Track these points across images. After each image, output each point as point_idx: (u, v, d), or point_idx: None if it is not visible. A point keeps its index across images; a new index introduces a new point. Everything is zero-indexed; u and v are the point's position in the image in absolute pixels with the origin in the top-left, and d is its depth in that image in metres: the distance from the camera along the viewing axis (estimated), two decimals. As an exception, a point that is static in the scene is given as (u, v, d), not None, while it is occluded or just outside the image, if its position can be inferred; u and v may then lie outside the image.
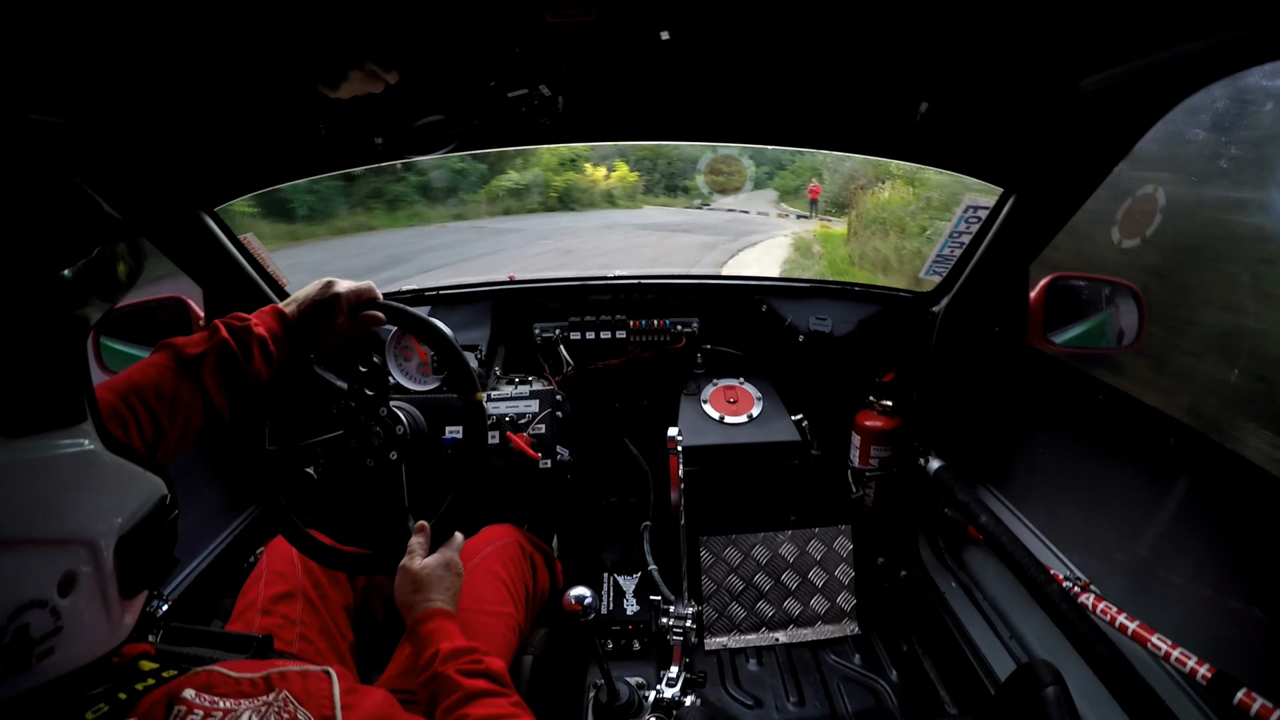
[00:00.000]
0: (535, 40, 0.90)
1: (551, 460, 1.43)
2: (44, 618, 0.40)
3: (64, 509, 0.42)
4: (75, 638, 0.42)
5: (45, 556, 0.41)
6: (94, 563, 0.44)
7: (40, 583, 0.40)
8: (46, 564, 0.41)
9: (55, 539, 0.41)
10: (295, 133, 1.18)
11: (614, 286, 1.70)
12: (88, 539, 0.43)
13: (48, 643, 0.41)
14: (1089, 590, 1.09)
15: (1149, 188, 2.09)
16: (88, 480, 0.44)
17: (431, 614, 0.86)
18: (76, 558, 0.43)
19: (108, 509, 0.45)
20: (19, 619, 0.39)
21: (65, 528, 0.42)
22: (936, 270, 1.53)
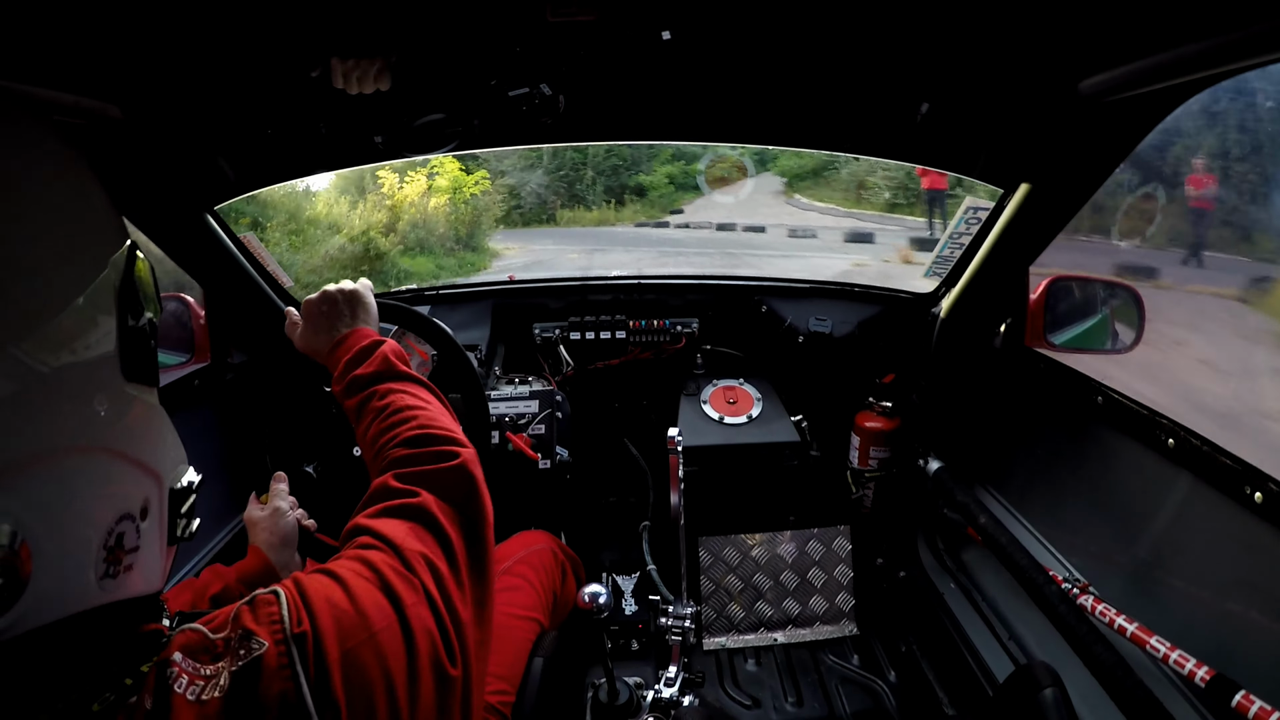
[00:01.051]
0: (536, 39, 0.90)
1: (551, 460, 1.43)
2: (132, 532, 0.46)
3: (153, 445, 0.50)
4: (144, 563, 0.47)
5: (139, 478, 0.47)
6: (159, 499, 0.50)
7: (135, 500, 0.47)
8: (141, 485, 0.47)
9: (148, 467, 0.48)
10: (295, 132, 1.18)
11: (614, 286, 1.70)
12: (161, 476, 0.50)
13: (130, 558, 0.46)
14: (1088, 592, 1.09)
15: (1149, 187, 2.09)
16: (162, 429, 0.52)
17: (325, 356, 0.84)
18: (153, 489, 0.49)
19: (169, 460, 0.52)
20: (120, 525, 0.45)
21: (153, 460, 0.49)
22: (936, 271, 1.53)
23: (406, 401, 0.71)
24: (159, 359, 0.53)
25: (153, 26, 0.74)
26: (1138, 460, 1.10)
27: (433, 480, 0.62)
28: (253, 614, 0.47)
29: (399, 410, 0.70)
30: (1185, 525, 1.02)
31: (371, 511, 0.60)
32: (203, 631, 0.46)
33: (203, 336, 1.45)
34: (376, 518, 0.59)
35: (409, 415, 0.69)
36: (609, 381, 1.75)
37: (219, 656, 0.45)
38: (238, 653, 0.44)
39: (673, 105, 1.20)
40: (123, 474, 0.46)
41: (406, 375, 0.76)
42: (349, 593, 0.49)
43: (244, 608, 0.48)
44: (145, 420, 0.49)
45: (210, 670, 0.44)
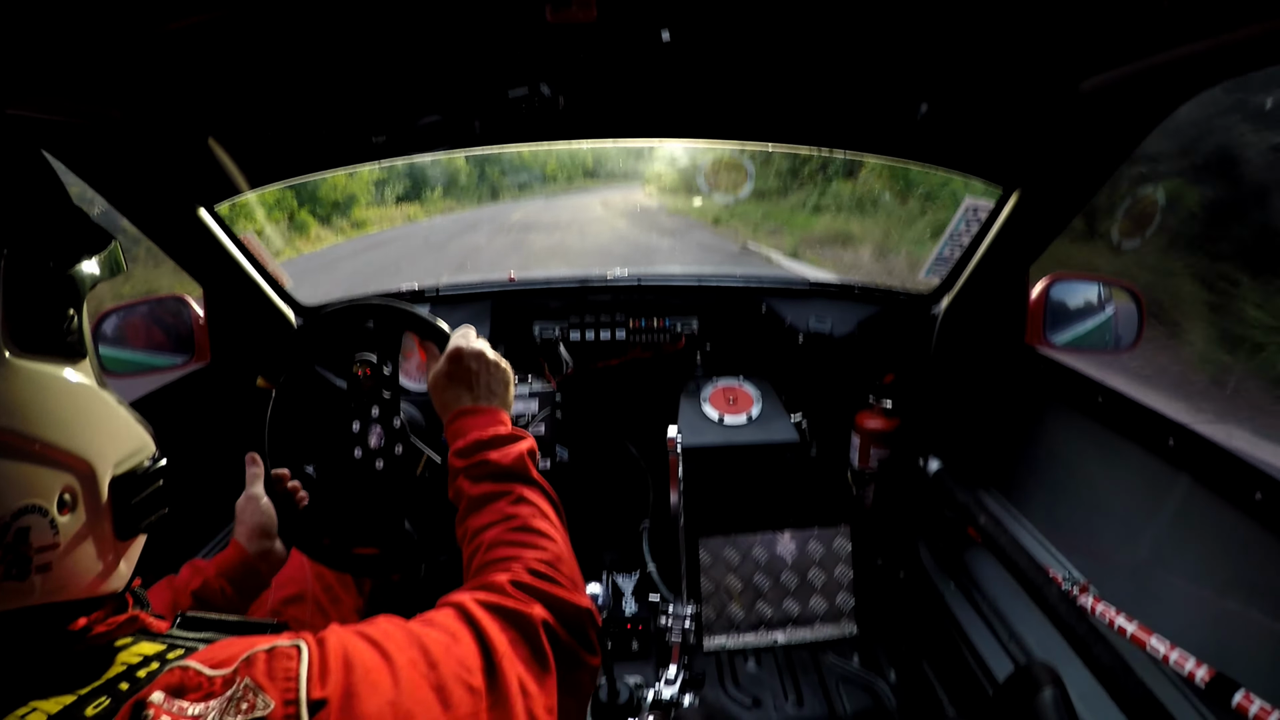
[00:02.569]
0: (535, 40, 0.90)
1: (551, 460, 1.43)
2: (44, 527, 0.42)
3: (66, 424, 0.45)
4: (72, 561, 0.44)
5: (49, 465, 0.43)
6: (92, 488, 0.46)
7: (43, 489, 0.43)
8: (49, 474, 0.43)
9: (58, 449, 0.44)
10: (295, 131, 1.18)
11: (614, 287, 1.70)
12: (87, 460, 0.46)
13: (46, 555, 0.42)
14: (1087, 592, 1.09)
15: (1149, 187, 2.09)
16: (89, 407, 0.47)
17: (451, 418, 0.81)
18: (75, 478, 0.45)
19: (104, 440, 0.48)
20: (21, 519, 0.41)
21: (67, 442, 0.44)
22: (936, 271, 1.53)
23: (539, 525, 0.67)
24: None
25: (153, 29, 0.74)
26: (1138, 460, 1.10)
27: (555, 604, 0.57)
28: (267, 665, 0.42)
29: (531, 531, 0.66)
30: (1185, 525, 1.02)
31: (480, 598, 0.55)
32: (194, 669, 0.41)
33: (203, 336, 1.45)
34: (483, 608, 0.54)
35: (540, 542, 0.65)
36: (609, 381, 1.75)
37: (210, 696, 0.40)
38: (239, 705, 0.39)
39: (672, 105, 1.20)
40: (15, 460, 0.41)
41: (538, 483, 0.73)
42: (394, 678, 0.44)
43: (260, 654, 0.42)
44: (53, 397, 0.45)
45: (197, 710, 0.39)
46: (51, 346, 0.46)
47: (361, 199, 13.93)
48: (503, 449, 0.74)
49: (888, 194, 7.72)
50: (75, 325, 0.48)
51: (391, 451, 1.12)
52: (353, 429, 1.13)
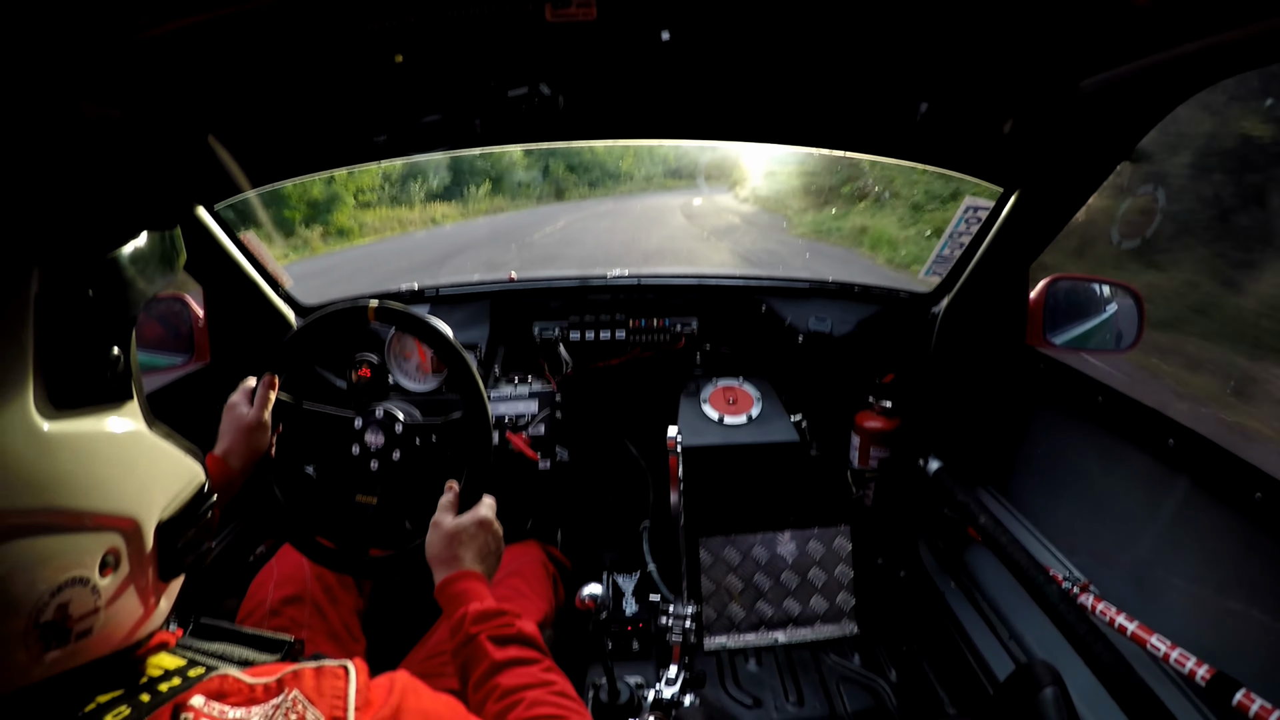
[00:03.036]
0: (535, 39, 0.90)
1: (551, 460, 1.43)
2: (85, 596, 0.40)
3: (110, 486, 0.42)
4: (113, 618, 0.42)
5: (90, 533, 0.41)
6: (137, 543, 0.44)
7: (84, 560, 0.40)
8: (91, 541, 0.41)
9: (101, 515, 0.41)
10: (295, 131, 1.18)
11: (614, 286, 1.70)
12: (133, 517, 0.43)
13: (86, 621, 0.41)
14: (1088, 591, 1.09)
15: (1149, 187, 2.09)
16: (135, 459, 0.44)
17: (462, 574, 0.82)
18: (120, 537, 0.42)
19: (152, 490, 0.45)
20: (61, 595, 0.39)
21: (111, 505, 0.42)
22: (936, 270, 1.53)
23: (572, 693, 0.70)
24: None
25: (153, 28, 0.74)
26: (1138, 459, 1.10)
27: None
28: (316, 682, 0.43)
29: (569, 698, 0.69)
30: (1185, 524, 1.02)
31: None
32: (235, 676, 0.43)
33: (202, 336, 1.45)
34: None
35: (579, 709, 0.67)
36: (609, 381, 1.75)
37: (253, 701, 0.42)
38: (287, 714, 0.41)
39: (672, 105, 1.20)
40: (52, 539, 0.38)
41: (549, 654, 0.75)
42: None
43: (307, 670, 0.44)
44: (96, 459, 0.41)
45: (238, 714, 0.41)
46: (94, 396, 0.42)
47: (350, 197, 11.62)
48: (524, 621, 0.76)
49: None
50: (121, 366, 0.44)
51: (390, 452, 1.12)
52: (354, 427, 1.13)
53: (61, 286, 0.39)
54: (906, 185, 7.79)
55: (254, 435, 0.99)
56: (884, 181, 8.40)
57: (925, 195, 7.65)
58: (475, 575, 0.83)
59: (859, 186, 8.88)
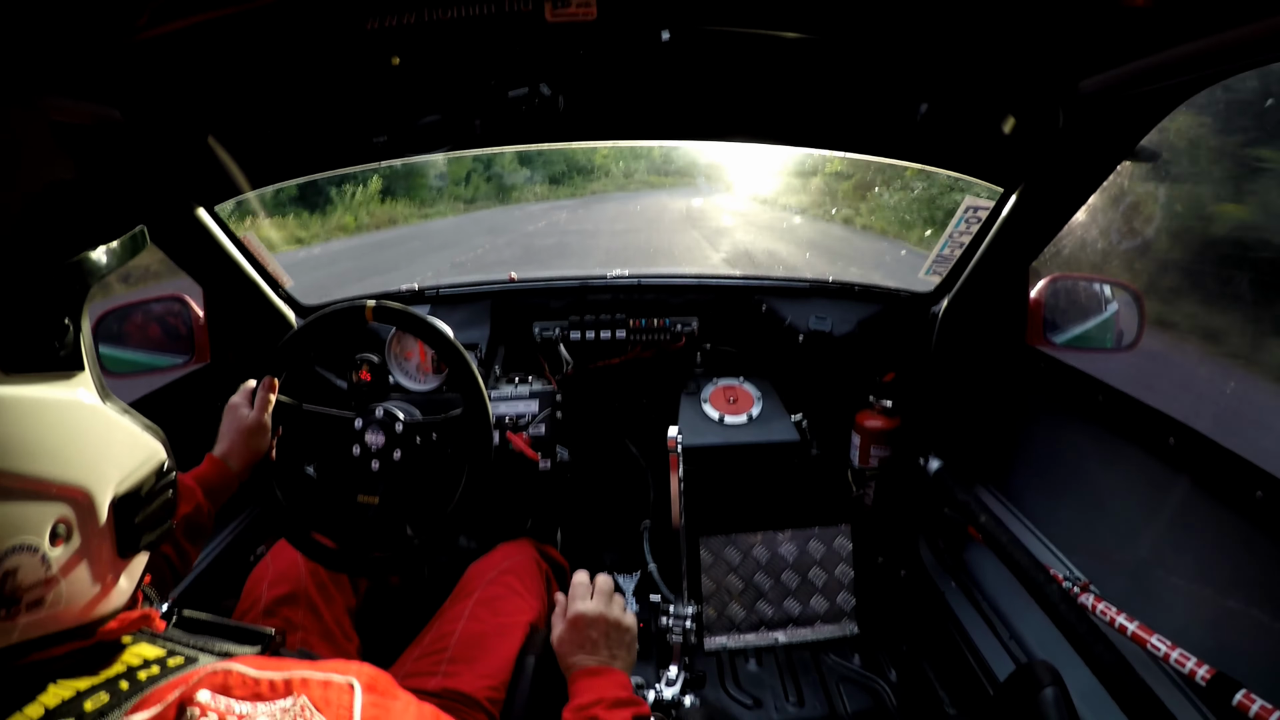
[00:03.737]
0: (535, 40, 0.90)
1: (551, 460, 1.43)
2: (34, 564, 0.40)
3: (58, 454, 0.41)
4: (66, 592, 0.42)
5: (39, 500, 0.40)
6: (89, 515, 0.43)
7: (31, 526, 0.40)
8: (39, 509, 0.40)
9: (50, 483, 0.41)
10: (295, 131, 1.18)
11: (614, 286, 1.70)
12: (83, 488, 0.43)
13: (36, 591, 0.40)
14: (1088, 591, 1.09)
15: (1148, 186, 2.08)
16: (84, 430, 0.44)
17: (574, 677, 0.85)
18: (71, 507, 0.42)
19: (103, 462, 0.45)
20: (8, 561, 0.38)
21: (59, 472, 0.41)
22: (936, 270, 1.53)
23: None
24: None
25: (153, 29, 0.74)
26: (1138, 459, 1.10)
27: None
28: (324, 693, 0.44)
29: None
30: (1186, 524, 1.02)
31: None
32: (238, 670, 0.43)
33: (203, 336, 1.45)
34: None
35: None
36: (609, 381, 1.75)
37: (258, 697, 0.42)
38: (297, 718, 0.41)
39: (672, 105, 1.20)
40: (4, 503, 0.39)
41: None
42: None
43: (314, 679, 0.44)
44: (44, 424, 0.41)
45: (244, 709, 0.41)
46: (43, 363, 0.42)
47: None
48: (615, 711, 0.77)
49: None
50: (70, 337, 0.44)
51: (391, 452, 1.12)
52: (354, 427, 1.13)
53: (12, 259, 0.40)
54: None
55: (254, 437, 1.00)
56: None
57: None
58: (584, 673, 0.84)
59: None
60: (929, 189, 7.29)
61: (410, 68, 0.95)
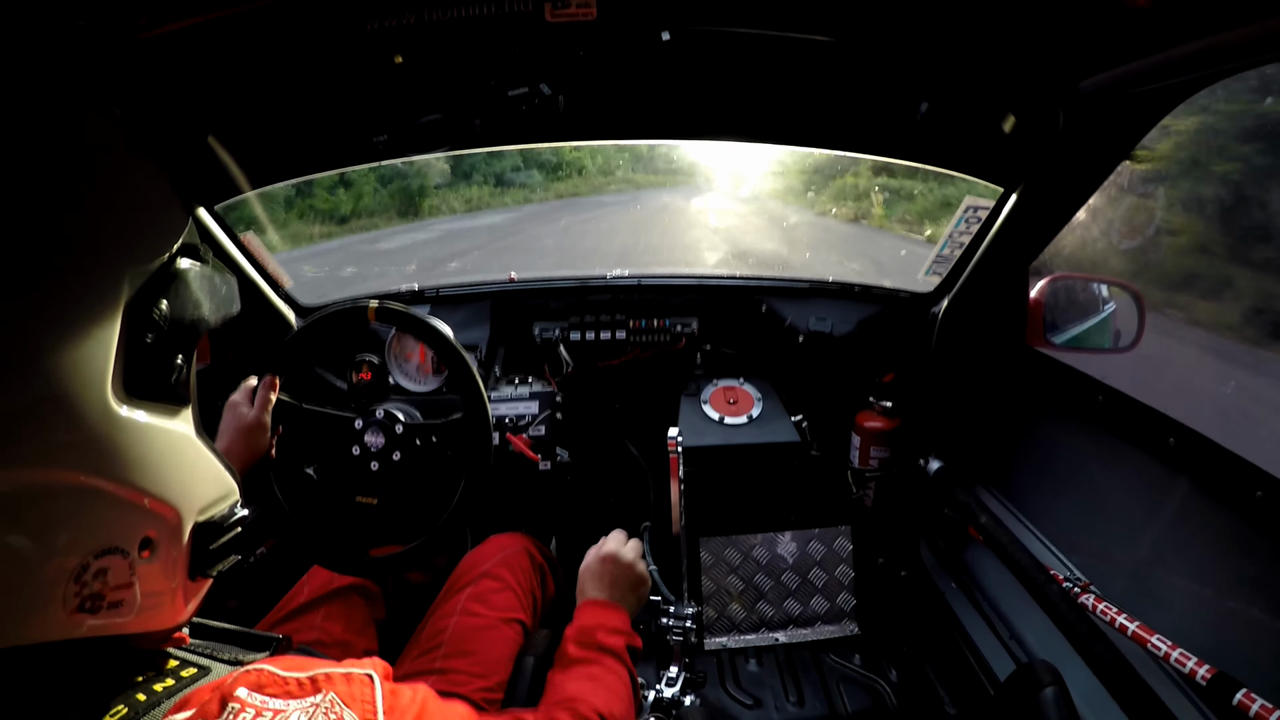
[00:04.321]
0: (535, 39, 0.90)
1: (551, 461, 1.43)
2: (123, 568, 0.43)
3: (161, 474, 0.46)
4: (143, 601, 0.45)
5: (137, 510, 0.44)
6: (174, 534, 0.47)
7: (128, 534, 0.44)
8: (137, 517, 0.44)
9: (149, 497, 0.45)
10: (295, 131, 1.18)
11: (614, 286, 1.70)
12: (175, 508, 0.47)
13: (119, 593, 0.43)
14: (1089, 591, 1.09)
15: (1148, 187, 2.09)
16: (183, 458, 0.48)
17: (584, 604, 0.98)
18: (161, 523, 0.46)
19: (194, 489, 0.49)
20: (103, 559, 0.42)
21: (159, 491, 0.45)
22: (936, 271, 1.53)
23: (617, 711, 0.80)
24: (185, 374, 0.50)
25: (153, 28, 0.74)
26: (1138, 459, 1.10)
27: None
28: (348, 688, 0.47)
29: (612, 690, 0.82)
30: (1186, 524, 1.02)
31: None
32: (269, 670, 0.46)
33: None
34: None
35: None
36: (609, 382, 1.75)
37: (289, 695, 0.45)
38: (327, 713, 0.44)
39: (672, 105, 1.20)
40: (106, 506, 0.42)
41: (629, 667, 0.92)
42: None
43: (336, 674, 0.48)
44: (153, 447, 0.45)
45: (279, 705, 0.44)
46: (160, 394, 0.46)
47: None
48: (614, 636, 0.90)
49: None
50: (184, 375, 0.49)
51: (390, 453, 1.12)
52: (354, 428, 1.13)
53: (145, 295, 0.45)
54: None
55: (253, 436, 1.00)
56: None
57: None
58: (592, 603, 0.96)
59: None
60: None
61: (410, 68, 0.95)
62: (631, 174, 11.49)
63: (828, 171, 8.60)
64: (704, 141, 1.37)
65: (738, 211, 9.37)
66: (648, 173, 11.48)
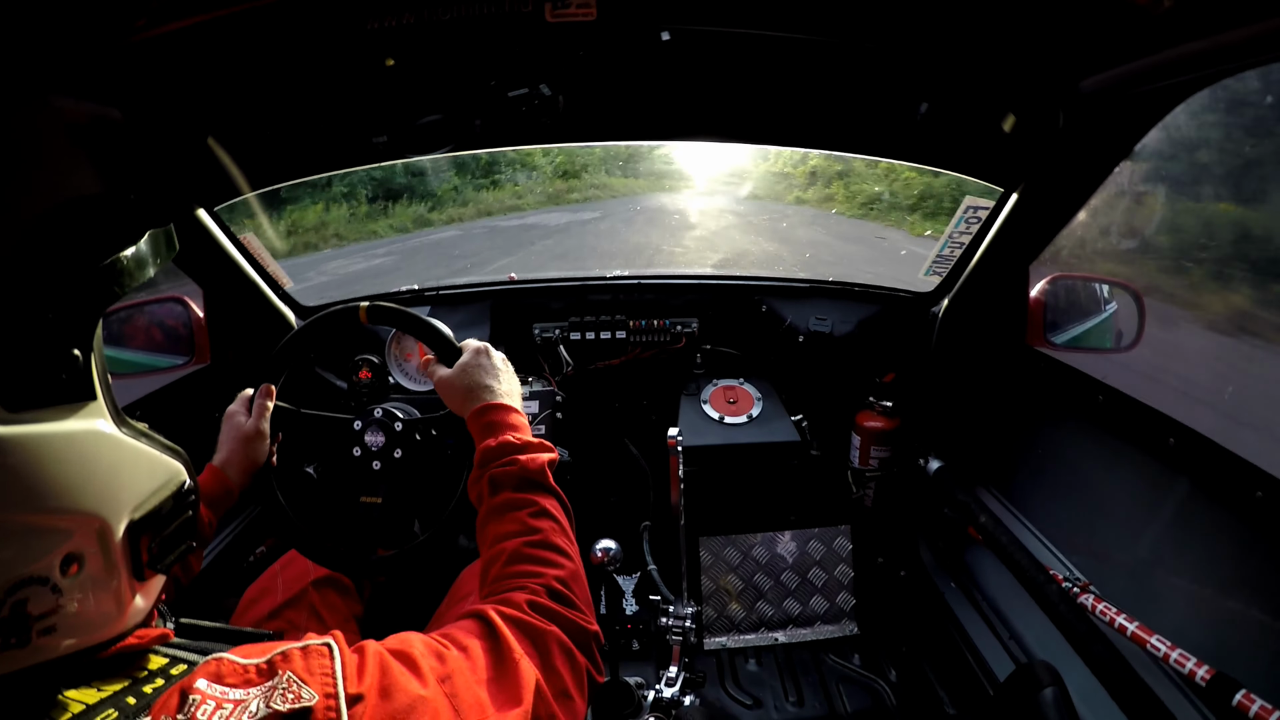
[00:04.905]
0: (535, 40, 0.90)
1: None
2: (44, 595, 0.40)
3: (69, 486, 0.41)
4: (79, 617, 0.42)
5: (47, 533, 0.40)
6: (103, 542, 0.43)
7: (42, 560, 0.40)
8: (49, 541, 0.40)
9: (60, 515, 0.41)
10: (295, 132, 1.18)
11: (614, 286, 1.70)
12: (96, 516, 0.43)
13: (48, 620, 0.41)
14: (1088, 591, 1.09)
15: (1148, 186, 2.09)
16: (97, 459, 0.43)
17: (485, 407, 0.82)
18: (82, 537, 0.42)
19: (118, 490, 0.45)
20: (16, 594, 0.39)
21: (70, 504, 0.41)
22: (936, 270, 1.53)
23: (558, 541, 0.70)
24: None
25: (153, 29, 0.74)
26: (1138, 459, 1.10)
27: (569, 627, 0.61)
28: (305, 661, 0.45)
29: (550, 548, 0.68)
30: (1185, 524, 1.02)
31: (502, 610, 0.58)
32: (228, 659, 0.45)
33: (203, 337, 1.45)
34: (505, 620, 0.57)
35: (559, 560, 0.67)
36: (609, 381, 1.75)
37: (249, 683, 0.43)
38: (284, 695, 0.42)
39: (672, 105, 1.20)
40: (5, 539, 0.38)
41: (558, 494, 0.76)
42: (421, 680, 0.48)
43: (294, 650, 0.46)
44: (56, 458, 0.40)
45: (239, 694, 0.42)
46: (50, 397, 0.41)
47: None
48: (532, 454, 0.75)
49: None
50: (80, 365, 0.43)
51: (391, 451, 1.12)
52: (354, 429, 1.13)
53: (13, 294, 0.39)
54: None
55: (252, 445, 0.99)
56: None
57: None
58: (497, 405, 0.81)
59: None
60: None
61: (410, 68, 0.95)
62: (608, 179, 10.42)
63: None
64: (704, 142, 1.37)
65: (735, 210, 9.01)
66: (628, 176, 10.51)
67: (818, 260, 6.62)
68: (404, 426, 1.12)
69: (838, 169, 7.80)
